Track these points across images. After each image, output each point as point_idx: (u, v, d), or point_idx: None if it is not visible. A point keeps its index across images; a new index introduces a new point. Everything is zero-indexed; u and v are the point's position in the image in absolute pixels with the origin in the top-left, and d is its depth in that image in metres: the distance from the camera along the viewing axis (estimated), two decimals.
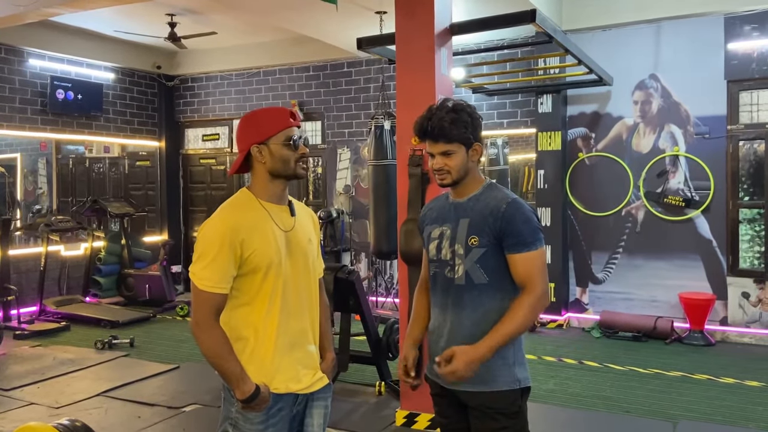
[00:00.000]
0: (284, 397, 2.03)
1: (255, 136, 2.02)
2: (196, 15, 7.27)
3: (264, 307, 1.99)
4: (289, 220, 2.08)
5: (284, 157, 2.01)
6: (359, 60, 8.06)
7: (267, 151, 2.01)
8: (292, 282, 2.05)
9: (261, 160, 2.02)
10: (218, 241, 1.91)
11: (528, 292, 2.09)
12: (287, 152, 2.02)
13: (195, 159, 9.65)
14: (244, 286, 1.98)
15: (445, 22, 4.11)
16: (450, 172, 2.18)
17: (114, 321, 7.04)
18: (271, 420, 2.00)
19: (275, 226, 2.02)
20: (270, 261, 1.97)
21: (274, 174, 2.03)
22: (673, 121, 6.50)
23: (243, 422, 1.99)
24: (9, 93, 7.53)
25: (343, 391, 4.81)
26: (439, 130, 2.14)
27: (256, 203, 2.03)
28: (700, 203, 6.36)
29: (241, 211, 2.00)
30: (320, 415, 2.15)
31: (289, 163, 2.03)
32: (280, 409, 2.02)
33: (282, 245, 2.02)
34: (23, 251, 7.67)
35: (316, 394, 2.13)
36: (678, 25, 6.39)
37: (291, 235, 2.06)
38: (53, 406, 4.53)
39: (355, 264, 8.07)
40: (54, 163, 8.41)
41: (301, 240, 2.11)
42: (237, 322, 2.00)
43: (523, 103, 7.26)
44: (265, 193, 2.05)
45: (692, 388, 4.87)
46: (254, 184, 2.07)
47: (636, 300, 6.70)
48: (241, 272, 1.96)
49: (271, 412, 2.00)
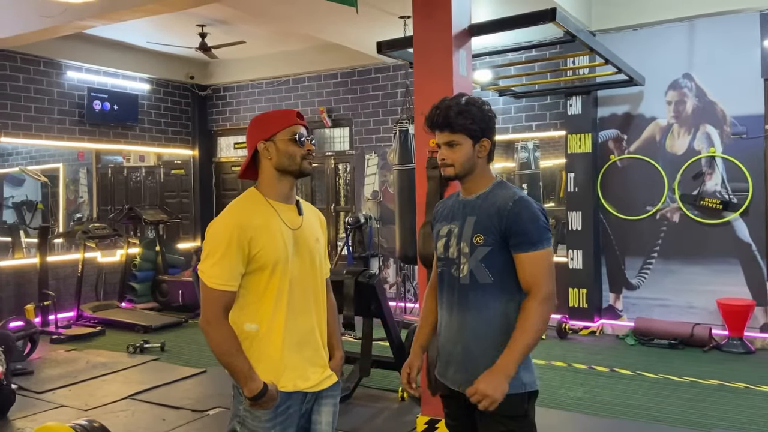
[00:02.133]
0: (292, 396, 2.02)
1: (262, 133, 2.06)
2: (225, 25, 7.40)
3: (271, 306, 2.00)
4: (296, 219, 2.09)
5: (290, 153, 2.04)
6: (386, 65, 8.07)
7: (273, 147, 2.04)
8: (299, 280, 2.05)
9: (268, 156, 2.05)
10: (226, 239, 1.93)
11: (534, 296, 2.03)
12: (293, 148, 2.04)
13: (227, 167, 9.80)
14: (251, 284, 1.99)
15: (464, 23, 4.07)
16: (453, 164, 2.15)
17: (147, 326, 7.17)
18: (279, 418, 2.00)
19: (283, 225, 2.03)
20: (277, 259, 1.98)
21: (280, 170, 2.05)
22: (709, 121, 6.29)
23: (251, 420, 1.99)
24: (48, 104, 7.78)
25: (366, 396, 4.78)
26: (444, 119, 2.13)
27: (264, 202, 2.05)
28: (739, 206, 6.13)
29: (248, 209, 2.02)
30: (329, 413, 2.14)
31: (295, 159, 2.04)
32: (288, 407, 2.02)
33: (289, 243, 2.03)
34: (62, 258, 7.89)
35: (325, 392, 2.13)
36: (712, 22, 6.20)
37: (298, 234, 2.07)
38: (82, 409, 4.63)
39: (384, 270, 8.04)
40: (94, 172, 8.66)
41: (309, 239, 2.11)
42: (245, 321, 2.01)
43: (552, 106, 7.14)
44: (272, 192, 2.07)
45: (728, 397, 4.68)
46: (262, 183, 2.09)
47: (672, 306, 6.49)
48: (248, 270, 1.97)
49: (279, 410, 2.00)
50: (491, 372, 1.99)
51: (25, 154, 8.20)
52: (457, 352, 2.15)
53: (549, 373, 5.36)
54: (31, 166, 8.16)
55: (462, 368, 2.14)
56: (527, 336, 2.00)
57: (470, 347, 2.11)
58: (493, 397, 1.95)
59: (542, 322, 2.03)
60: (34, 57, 7.59)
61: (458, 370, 2.15)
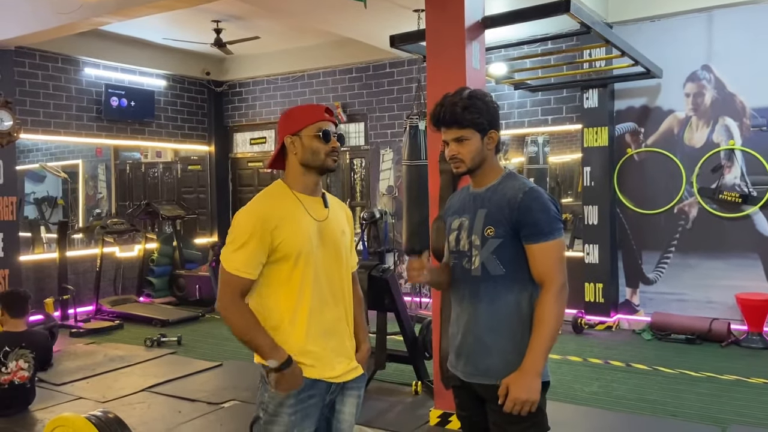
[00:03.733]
0: (316, 384, 2.03)
1: (289, 127, 2.10)
2: (240, 21, 7.43)
3: (294, 296, 2.02)
4: (322, 211, 2.12)
5: (314, 149, 2.06)
6: (401, 60, 8.05)
7: (299, 142, 2.07)
8: (324, 271, 2.07)
9: (293, 150, 2.08)
10: (250, 228, 1.96)
11: (548, 288, 2.04)
12: (318, 144, 2.06)
13: (243, 162, 9.85)
14: (273, 273, 2.02)
15: (477, 16, 4.05)
16: (464, 159, 2.15)
17: (164, 320, 7.25)
18: (300, 405, 2.01)
19: (308, 216, 2.06)
20: (300, 249, 2.00)
21: (305, 165, 2.08)
22: (728, 113, 6.20)
23: (273, 406, 2.01)
24: (66, 101, 7.87)
25: (380, 390, 4.79)
26: (451, 116, 2.13)
27: (290, 194, 2.08)
28: (758, 199, 6.04)
29: (274, 200, 2.06)
30: (352, 404, 2.16)
31: (319, 155, 2.07)
32: (311, 395, 2.03)
33: (314, 235, 2.05)
34: (81, 253, 8.00)
35: (350, 384, 2.14)
36: (730, 13, 6.10)
37: (324, 226, 2.10)
38: (99, 401, 4.69)
39: (399, 264, 8.04)
40: (113, 168, 8.76)
41: (334, 231, 2.13)
42: (268, 311, 2.03)
43: (568, 99, 7.08)
44: (298, 185, 2.10)
45: (746, 393, 4.62)
46: (288, 176, 2.12)
47: (690, 301, 6.41)
48: (271, 260, 2.00)
49: (301, 397, 2.01)
50: (521, 374, 1.99)
51: (45, 151, 8.32)
52: (468, 343, 2.16)
53: (564, 368, 5.33)
54: (51, 162, 8.28)
55: (473, 359, 2.14)
56: (547, 331, 2.01)
57: (482, 338, 2.12)
58: (529, 399, 1.97)
59: (560, 314, 2.04)
60: (52, 54, 7.68)
61: (469, 361, 2.15)
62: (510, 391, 1.98)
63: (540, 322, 2.02)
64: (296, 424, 2.00)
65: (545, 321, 2.01)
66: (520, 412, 1.98)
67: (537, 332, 2.02)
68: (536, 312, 2.04)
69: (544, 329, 2.01)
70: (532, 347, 2.01)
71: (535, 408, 1.99)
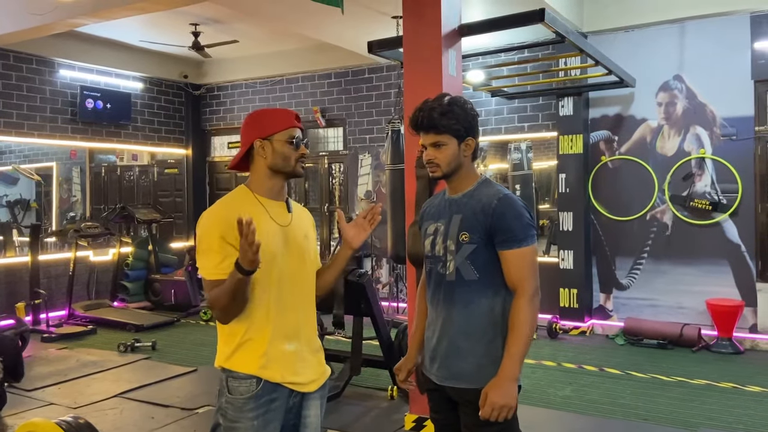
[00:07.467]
0: (279, 388, 2.01)
1: (259, 131, 2.07)
2: (219, 24, 7.40)
3: (258, 299, 2.00)
4: (285, 216, 2.11)
5: (285, 155, 2.06)
6: (380, 66, 8.08)
7: (270, 146, 2.06)
8: (289, 276, 2.06)
9: (262, 155, 2.07)
10: (210, 232, 1.97)
11: (521, 294, 2.07)
12: (289, 150, 2.07)
13: (221, 166, 9.80)
14: None
15: (454, 23, 4.09)
16: (440, 164, 2.18)
17: (139, 325, 7.16)
18: (261, 409, 1.98)
19: (271, 221, 2.05)
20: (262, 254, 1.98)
21: (273, 170, 2.08)
22: (699, 122, 6.33)
23: (232, 411, 1.98)
24: (40, 103, 7.77)
25: (355, 395, 4.79)
26: (428, 121, 2.15)
27: (253, 198, 2.07)
28: (728, 207, 6.17)
29: (236, 204, 2.04)
30: (317, 406, 2.15)
31: (289, 161, 2.07)
32: (272, 400, 2.00)
33: (278, 239, 2.04)
34: (54, 257, 7.88)
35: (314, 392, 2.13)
36: (702, 24, 6.24)
37: (288, 230, 2.09)
38: (71, 407, 4.62)
39: (377, 269, 8.06)
40: (87, 171, 8.65)
41: (298, 235, 2.13)
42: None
43: (544, 107, 7.17)
44: (262, 189, 2.09)
45: (716, 397, 4.71)
46: (252, 180, 2.11)
47: (662, 307, 6.52)
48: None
49: (262, 401, 1.98)
50: (498, 380, 2.02)
51: (18, 153, 8.19)
52: (442, 347, 2.18)
53: (538, 372, 5.38)
54: (25, 164, 8.16)
55: (447, 363, 2.16)
56: (522, 336, 2.04)
57: (456, 342, 2.14)
58: (508, 405, 2.00)
59: (533, 319, 2.07)
60: (26, 55, 7.58)
61: (443, 364, 2.18)
62: (488, 396, 2.01)
63: (514, 327, 2.05)
64: (258, 429, 1.98)
65: (519, 327, 2.04)
66: (498, 418, 2.01)
67: (512, 338, 2.04)
68: (510, 318, 2.07)
69: (519, 335, 2.04)
70: (508, 353, 2.03)
71: (512, 413, 2.02)
